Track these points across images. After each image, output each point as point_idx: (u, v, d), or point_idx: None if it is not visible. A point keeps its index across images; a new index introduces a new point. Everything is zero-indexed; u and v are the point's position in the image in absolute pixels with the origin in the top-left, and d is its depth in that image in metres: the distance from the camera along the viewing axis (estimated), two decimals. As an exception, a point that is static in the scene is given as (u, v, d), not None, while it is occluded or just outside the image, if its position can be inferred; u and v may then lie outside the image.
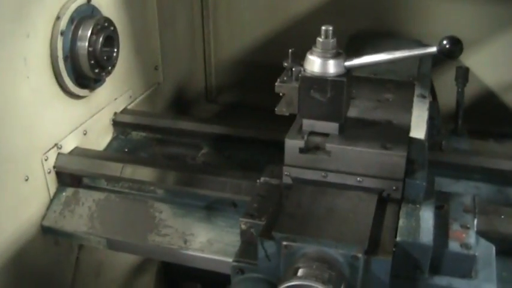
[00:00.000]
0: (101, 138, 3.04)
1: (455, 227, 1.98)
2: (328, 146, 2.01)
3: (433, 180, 2.12)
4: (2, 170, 2.41)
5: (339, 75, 1.94)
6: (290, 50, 2.01)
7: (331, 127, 2.04)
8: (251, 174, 2.39)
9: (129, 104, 3.28)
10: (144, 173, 2.63)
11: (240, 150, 2.93)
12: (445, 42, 1.82)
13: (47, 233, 2.69)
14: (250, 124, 3.01)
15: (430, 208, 1.99)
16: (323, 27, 1.93)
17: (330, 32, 1.92)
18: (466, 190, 2.53)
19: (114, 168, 2.65)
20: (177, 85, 3.86)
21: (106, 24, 2.78)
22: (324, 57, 1.93)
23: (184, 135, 3.09)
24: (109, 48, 2.84)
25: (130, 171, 2.63)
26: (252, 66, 3.95)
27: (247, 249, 1.95)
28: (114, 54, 2.89)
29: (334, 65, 1.93)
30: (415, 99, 2.45)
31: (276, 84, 2.01)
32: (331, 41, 1.93)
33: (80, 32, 2.67)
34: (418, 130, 2.19)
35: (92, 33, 2.68)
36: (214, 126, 3.06)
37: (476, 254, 1.90)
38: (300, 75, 1.97)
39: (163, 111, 3.68)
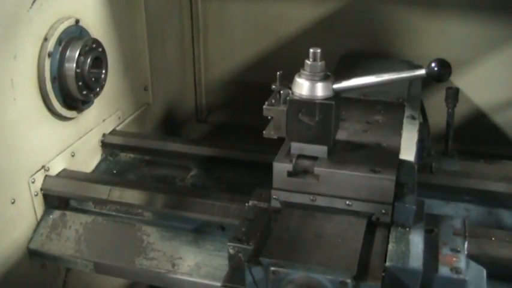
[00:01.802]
0: (89, 159, 3.02)
1: (445, 251, 1.97)
2: (317, 169, 1.99)
3: (423, 203, 2.10)
4: (-12, 193, 2.39)
5: (327, 98, 1.92)
6: (278, 73, 2.00)
7: (320, 150, 2.02)
8: (239, 197, 2.38)
9: (118, 125, 3.26)
10: (132, 196, 2.60)
11: (230, 171, 2.91)
12: (433, 65, 1.82)
13: (33, 256, 2.65)
14: (240, 146, 2.99)
15: (420, 232, 1.97)
16: (311, 50, 1.91)
17: (318, 54, 1.91)
18: (456, 212, 2.52)
19: (102, 191, 2.62)
20: (167, 105, 3.84)
21: (94, 45, 2.77)
22: (312, 80, 1.92)
23: (174, 157, 3.07)
24: (97, 69, 2.83)
25: (118, 193, 2.61)
26: (243, 86, 3.95)
27: (235, 273, 1.93)
28: (103, 76, 2.88)
29: (322, 88, 1.92)
30: (405, 121, 2.44)
31: (264, 107, 2.00)
32: (320, 63, 1.92)
33: (67, 53, 2.66)
34: (408, 152, 2.19)
35: (79, 55, 2.66)
36: (204, 147, 3.05)
37: (467, 278, 1.88)
38: (288, 98, 1.95)
39: (152, 131, 3.66)
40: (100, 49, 2.82)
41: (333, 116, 1.94)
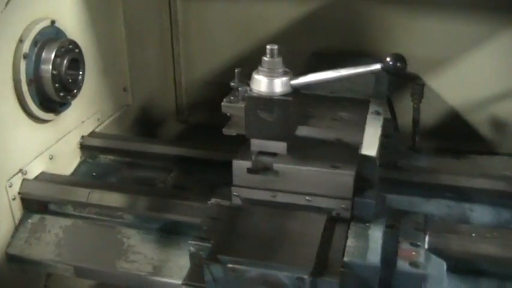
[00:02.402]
0: (68, 162, 2.97)
1: (405, 246, 1.98)
2: (276, 166, 2.01)
3: (384, 199, 2.15)
4: (-37, 198, 2.34)
5: (285, 95, 1.93)
6: (236, 70, 2.03)
7: (280, 147, 2.03)
8: (221, 198, 2.34)
9: (97, 127, 3.22)
10: (112, 199, 2.57)
11: (210, 173, 2.87)
12: (388, 59, 1.84)
13: (12, 261, 2.61)
14: (221, 146, 2.96)
15: (380, 227, 2.01)
16: (268, 46, 1.93)
17: (275, 51, 1.92)
18: (422, 208, 2.52)
19: (81, 194, 2.58)
20: (147, 106, 3.80)
21: (71, 46, 2.73)
22: (270, 76, 1.93)
23: (154, 158, 3.04)
24: (74, 71, 2.79)
25: (97, 196, 2.57)
26: (224, 87, 3.87)
27: (196, 271, 1.94)
28: (80, 77, 2.84)
29: (280, 84, 1.93)
30: (369, 117, 2.46)
31: (223, 104, 2.05)
32: (277, 60, 1.93)
33: (43, 54, 2.62)
34: (370, 147, 2.21)
35: (56, 56, 2.62)
36: (184, 148, 3.02)
37: (426, 272, 1.90)
38: (246, 95, 1.97)
39: (132, 133, 3.62)
40: (77, 50, 2.78)
41: (291, 112, 1.95)
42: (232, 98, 2.04)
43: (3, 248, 2.58)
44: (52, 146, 2.83)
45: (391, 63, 1.83)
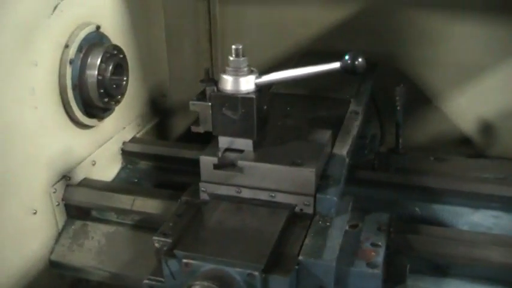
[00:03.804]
0: (109, 168, 2.96)
1: (365, 246, 1.96)
2: (240, 162, 2.05)
3: (351, 199, 2.13)
4: (10, 204, 2.34)
5: (249, 93, 1.99)
6: (204, 68, 2.13)
7: (246, 144, 2.09)
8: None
9: (138, 133, 3.21)
10: (156, 206, 2.54)
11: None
12: (347, 57, 1.87)
13: (55, 267, 2.60)
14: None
15: (341, 226, 1.99)
16: (233, 46, 2.00)
17: (240, 50, 1.99)
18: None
19: (125, 201, 2.56)
20: (185, 111, 3.76)
21: (115, 51, 2.72)
22: (235, 75, 1.99)
23: (194, 164, 2.99)
24: (118, 76, 2.77)
25: (141, 203, 2.54)
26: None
27: (161, 267, 1.94)
28: (124, 83, 2.82)
29: (244, 83, 1.98)
30: (347, 116, 2.57)
31: (190, 102, 2.11)
32: (242, 59, 1.99)
33: (89, 60, 2.61)
34: (342, 146, 2.29)
35: (101, 61, 2.61)
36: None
37: (381, 272, 1.86)
38: (211, 93, 2.03)
39: (171, 139, 3.61)
40: (121, 55, 2.77)
41: (255, 110, 1.99)
42: (200, 96, 2.10)
43: (46, 255, 2.58)
44: (94, 152, 2.82)
45: (349, 61, 1.86)
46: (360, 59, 1.86)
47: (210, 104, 2.05)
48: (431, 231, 2.23)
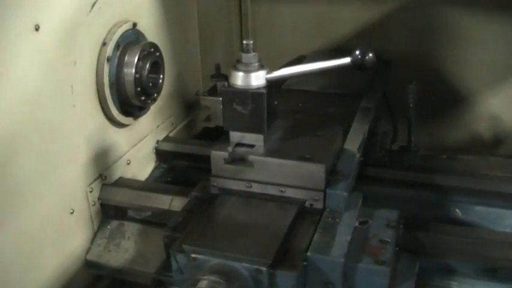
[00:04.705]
0: (143, 167, 2.94)
1: (373, 242, 1.94)
2: (251, 157, 2.06)
3: (361, 195, 2.12)
4: (48, 204, 2.32)
5: (259, 88, 1.99)
6: (215, 64, 2.16)
7: (256, 139, 2.10)
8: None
9: (171, 131, 3.18)
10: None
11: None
12: (357, 53, 1.87)
13: (91, 267, 2.58)
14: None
15: (350, 222, 1.98)
16: (244, 42, 2.01)
17: (251, 46, 2.00)
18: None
19: (163, 201, 2.53)
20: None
21: (152, 49, 2.69)
22: (246, 70, 2.00)
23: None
24: (155, 74, 2.74)
25: (179, 203, 2.50)
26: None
27: (169, 262, 1.94)
28: (160, 81, 2.79)
29: (255, 78, 1.99)
30: (358, 113, 2.57)
31: (201, 97, 2.14)
32: (252, 55, 2.00)
33: (126, 58, 2.58)
34: (353, 142, 2.29)
35: (138, 59, 2.58)
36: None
37: (389, 269, 1.84)
38: (222, 88, 2.05)
39: (203, 137, 3.56)
40: (158, 53, 2.74)
41: (265, 105, 2.00)
42: (211, 91, 2.13)
43: (82, 255, 2.56)
44: (129, 151, 2.80)
45: (359, 57, 1.86)
46: (370, 54, 1.86)
47: (220, 99, 2.07)
48: (441, 229, 2.23)
